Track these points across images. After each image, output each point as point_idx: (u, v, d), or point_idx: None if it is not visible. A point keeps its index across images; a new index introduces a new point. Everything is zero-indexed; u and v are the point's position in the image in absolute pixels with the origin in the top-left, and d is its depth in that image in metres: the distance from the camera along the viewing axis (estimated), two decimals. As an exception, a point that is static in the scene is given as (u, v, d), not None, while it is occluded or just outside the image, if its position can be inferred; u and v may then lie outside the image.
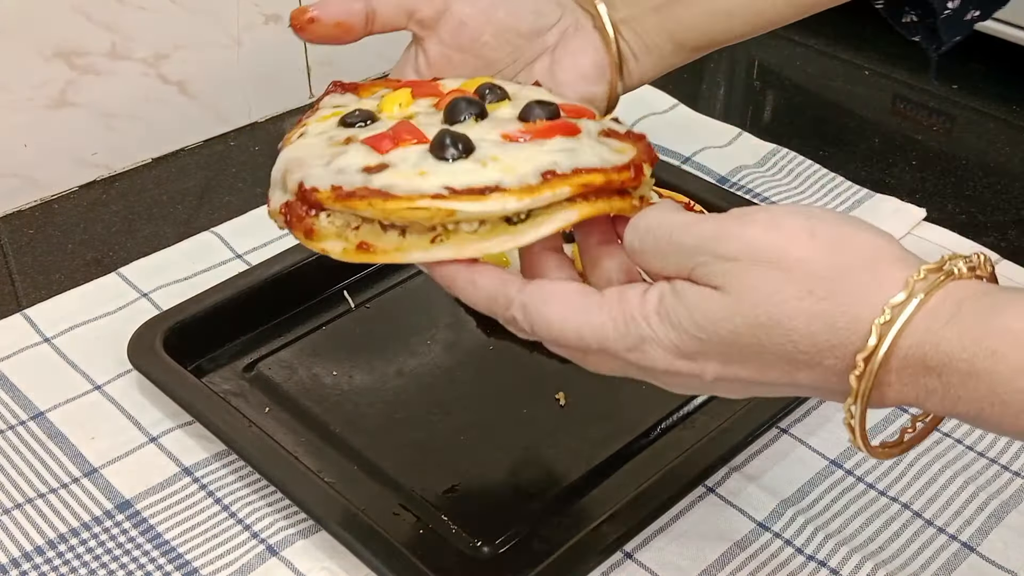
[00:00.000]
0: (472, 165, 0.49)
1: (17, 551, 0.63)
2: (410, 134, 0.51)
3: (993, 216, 0.90)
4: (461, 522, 0.64)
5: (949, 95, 1.08)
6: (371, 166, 0.50)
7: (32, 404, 0.72)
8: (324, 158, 0.51)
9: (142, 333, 0.73)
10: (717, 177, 0.94)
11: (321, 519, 0.62)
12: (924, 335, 0.40)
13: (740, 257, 0.43)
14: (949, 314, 0.40)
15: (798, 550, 0.63)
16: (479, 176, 0.49)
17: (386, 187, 0.48)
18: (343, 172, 0.50)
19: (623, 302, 0.47)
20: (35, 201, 0.92)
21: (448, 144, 0.49)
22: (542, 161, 0.49)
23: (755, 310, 0.43)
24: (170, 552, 0.63)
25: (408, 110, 0.55)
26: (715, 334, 0.44)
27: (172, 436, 0.70)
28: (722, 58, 1.18)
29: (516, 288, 0.48)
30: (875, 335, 0.41)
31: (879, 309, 0.41)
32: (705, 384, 0.47)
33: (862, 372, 0.41)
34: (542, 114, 0.53)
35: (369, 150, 0.51)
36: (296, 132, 0.56)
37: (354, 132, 0.53)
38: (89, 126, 0.92)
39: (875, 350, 0.41)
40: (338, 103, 0.58)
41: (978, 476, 0.68)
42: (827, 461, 0.68)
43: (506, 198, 0.48)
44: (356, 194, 0.48)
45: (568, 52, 0.62)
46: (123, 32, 0.91)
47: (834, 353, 0.42)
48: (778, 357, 0.43)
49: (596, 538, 0.60)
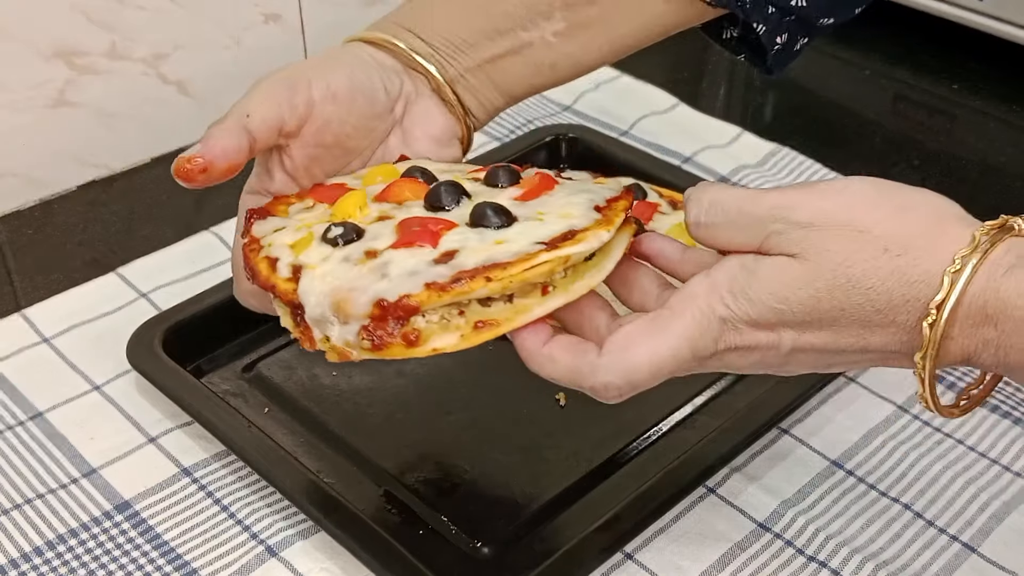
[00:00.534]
0: (529, 223, 0.52)
1: (16, 552, 0.63)
2: (436, 223, 0.53)
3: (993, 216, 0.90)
4: (461, 522, 0.64)
5: (949, 95, 1.08)
6: (439, 258, 0.50)
7: (31, 404, 0.72)
8: (371, 276, 0.51)
9: (141, 333, 0.73)
10: (717, 177, 0.94)
11: (321, 519, 0.61)
12: (986, 283, 0.44)
13: (814, 223, 0.46)
14: (1008, 265, 0.44)
15: (799, 551, 0.63)
16: (551, 227, 0.51)
17: (487, 260, 0.49)
18: (417, 273, 0.50)
19: (692, 299, 0.48)
20: (34, 201, 0.92)
21: (491, 214, 0.52)
22: (580, 201, 0.53)
23: (834, 272, 0.45)
24: (169, 553, 0.63)
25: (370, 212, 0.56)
26: (795, 302, 0.46)
27: (171, 436, 0.70)
28: (722, 58, 1.18)
29: (594, 353, 0.49)
30: (947, 283, 0.44)
31: (950, 260, 0.44)
32: (781, 356, 0.48)
33: (935, 320, 0.44)
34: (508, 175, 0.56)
35: (412, 250, 0.51)
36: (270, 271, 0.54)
37: (365, 246, 0.53)
38: (88, 126, 0.92)
39: (947, 297, 0.44)
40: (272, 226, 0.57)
41: (979, 477, 0.67)
42: (828, 461, 0.68)
43: (598, 232, 0.51)
44: (462, 279, 0.49)
45: (416, 122, 0.63)
46: (123, 32, 0.91)
47: (907, 308, 0.45)
48: (854, 320, 0.46)
49: (596, 538, 0.60)
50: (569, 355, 0.50)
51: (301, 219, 0.57)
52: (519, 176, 0.57)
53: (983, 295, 0.44)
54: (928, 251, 0.45)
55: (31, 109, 0.89)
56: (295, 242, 0.55)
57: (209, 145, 0.56)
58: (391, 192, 0.57)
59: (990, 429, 0.70)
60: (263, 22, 0.99)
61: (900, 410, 0.72)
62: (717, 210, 0.49)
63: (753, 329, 0.48)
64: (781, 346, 0.48)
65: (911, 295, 0.45)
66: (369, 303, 0.50)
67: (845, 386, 0.73)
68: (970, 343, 0.45)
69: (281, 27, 1.00)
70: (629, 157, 0.90)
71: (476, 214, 0.52)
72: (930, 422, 0.71)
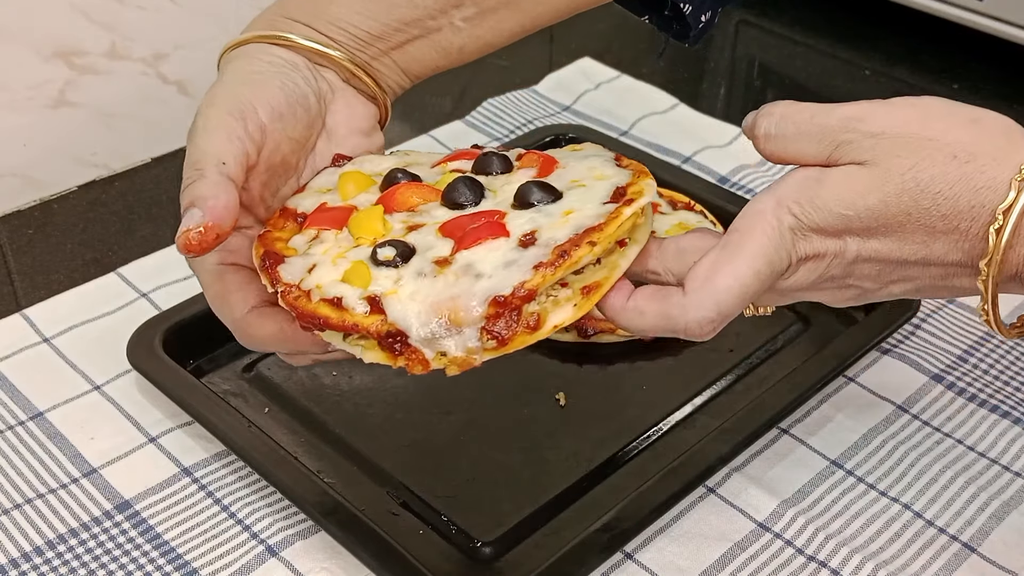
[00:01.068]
0: (577, 190, 0.54)
1: (16, 551, 0.63)
2: (486, 215, 0.54)
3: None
4: (461, 522, 0.64)
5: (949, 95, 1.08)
6: (522, 242, 0.52)
7: (31, 404, 0.72)
8: (465, 281, 0.51)
9: (141, 333, 0.73)
10: (717, 177, 0.94)
11: (321, 519, 0.61)
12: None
13: (886, 131, 0.47)
14: None
15: (799, 551, 0.63)
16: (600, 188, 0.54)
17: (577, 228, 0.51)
18: (514, 263, 0.51)
19: (760, 216, 0.49)
20: (34, 201, 0.92)
21: (540, 191, 0.54)
22: (599, 163, 0.56)
23: (903, 176, 0.46)
24: (169, 552, 0.63)
25: (393, 226, 0.55)
26: (863, 208, 0.47)
27: (171, 436, 0.70)
28: (722, 58, 1.18)
29: (679, 293, 0.49)
30: (1015, 189, 0.44)
31: (1016, 169, 0.45)
32: (845, 264, 0.49)
33: (1001, 225, 0.45)
34: (501, 162, 0.57)
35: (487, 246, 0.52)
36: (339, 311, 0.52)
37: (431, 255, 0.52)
38: (88, 126, 0.92)
39: (1014, 203, 0.44)
40: (297, 269, 0.54)
41: (979, 476, 0.67)
42: (828, 461, 0.68)
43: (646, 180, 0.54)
44: (567, 251, 0.50)
45: (338, 120, 0.61)
46: (122, 32, 0.91)
47: (972, 214, 0.46)
48: (920, 225, 0.46)
49: (596, 538, 0.60)
50: (656, 303, 0.50)
51: (324, 252, 0.55)
52: (509, 160, 0.58)
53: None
54: (996, 160, 0.45)
55: (31, 109, 0.89)
56: (345, 275, 0.53)
57: (210, 207, 0.53)
58: (396, 200, 0.56)
59: (990, 429, 0.70)
60: (263, 22, 0.99)
61: (900, 410, 0.72)
62: (788, 123, 0.50)
63: (821, 236, 0.48)
64: (846, 253, 0.48)
65: (977, 201, 0.45)
66: (484, 303, 0.50)
67: (845, 386, 0.73)
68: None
69: (281, 27, 1.00)
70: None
71: (523, 195, 0.53)
72: (930, 422, 0.71)
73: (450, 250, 0.52)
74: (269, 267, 0.55)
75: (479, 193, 0.55)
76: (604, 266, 0.52)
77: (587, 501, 0.64)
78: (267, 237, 0.57)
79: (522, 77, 1.08)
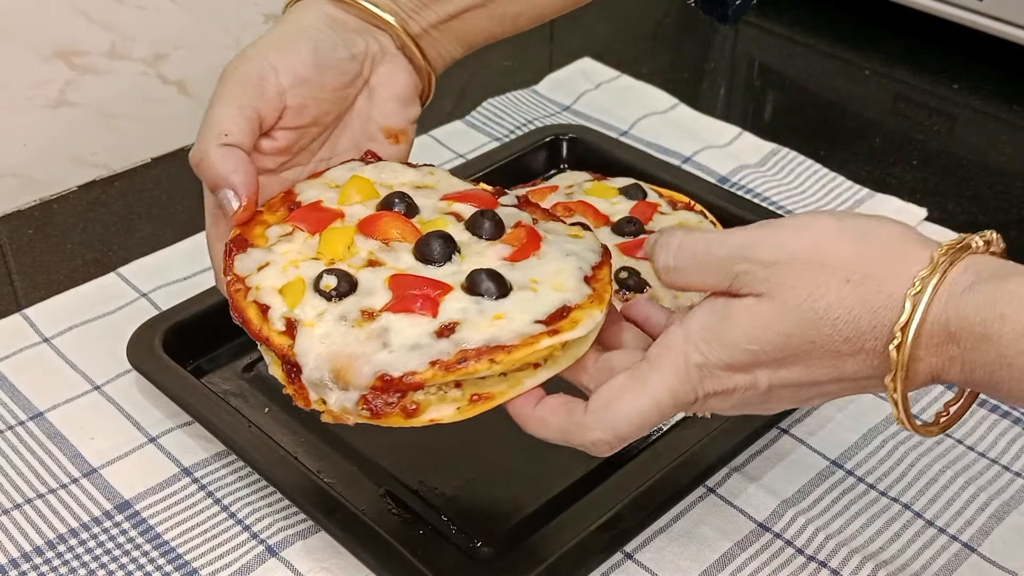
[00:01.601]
0: (524, 293, 0.54)
1: (17, 551, 0.63)
2: (432, 286, 0.54)
3: (994, 216, 0.90)
4: (461, 522, 0.64)
5: (949, 95, 1.08)
6: (440, 330, 0.52)
7: (31, 404, 0.72)
8: (372, 344, 0.52)
9: (141, 333, 0.73)
10: (717, 177, 0.94)
11: (321, 519, 0.61)
12: (947, 302, 0.44)
13: (778, 260, 0.47)
14: (967, 283, 0.44)
15: (799, 551, 0.63)
16: (547, 301, 0.53)
17: (491, 341, 0.51)
18: (420, 347, 0.51)
19: (669, 350, 0.49)
20: (34, 201, 0.92)
21: (484, 280, 0.54)
22: (571, 270, 0.55)
23: (800, 308, 0.46)
24: (169, 552, 0.63)
25: (359, 251, 0.57)
26: (767, 342, 0.47)
27: (171, 436, 0.70)
28: (722, 58, 1.18)
29: (581, 410, 0.50)
30: (909, 306, 0.44)
31: (910, 283, 0.44)
32: (760, 395, 0.49)
33: (900, 342, 0.45)
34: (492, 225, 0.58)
35: (411, 317, 0.53)
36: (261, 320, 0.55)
37: (360, 303, 0.54)
38: (88, 126, 0.92)
39: (910, 319, 0.44)
40: (255, 263, 0.57)
41: (979, 476, 0.67)
42: (828, 461, 0.68)
43: (591, 312, 0.53)
44: (469, 358, 0.51)
45: (382, 81, 0.64)
46: (122, 32, 0.91)
47: (874, 334, 0.45)
48: (826, 351, 0.46)
49: (596, 538, 0.60)
50: (558, 417, 0.51)
51: (283, 252, 0.57)
52: (503, 226, 0.58)
53: (944, 314, 0.44)
54: (889, 276, 0.45)
55: (31, 109, 0.89)
56: (284, 287, 0.55)
57: (240, 184, 0.58)
58: (377, 228, 0.58)
59: (990, 429, 0.70)
60: (263, 22, 0.99)
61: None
62: (685, 254, 0.49)
63: (730, 372, 0.48)
64: (758, 385, 0.49)
65: (877, 321, 0.45)
66: (372, 375, 0.51)
67: (845, 386, 0.73)
68: (937, 362, 0.45)
69: (281, 27, 1.00)
70: (629, 157, 0.90)
71: (472, 282, 0.54)
72: (930, 422, 0.71)
73: (382, 305, 0.54)
74: (228, 254, 0.58)
75: (447, 255, 0.56)
76: (508, 380, 0.52)
77: (587, 501, 0.64)
78: (253, 219, 0.60)
79: (522, 77, 1.08)
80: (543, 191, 0.81)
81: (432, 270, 0.56)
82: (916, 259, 0.45)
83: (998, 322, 0.43)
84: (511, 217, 0.59)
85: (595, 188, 0.80)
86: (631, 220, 0.75)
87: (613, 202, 0.78)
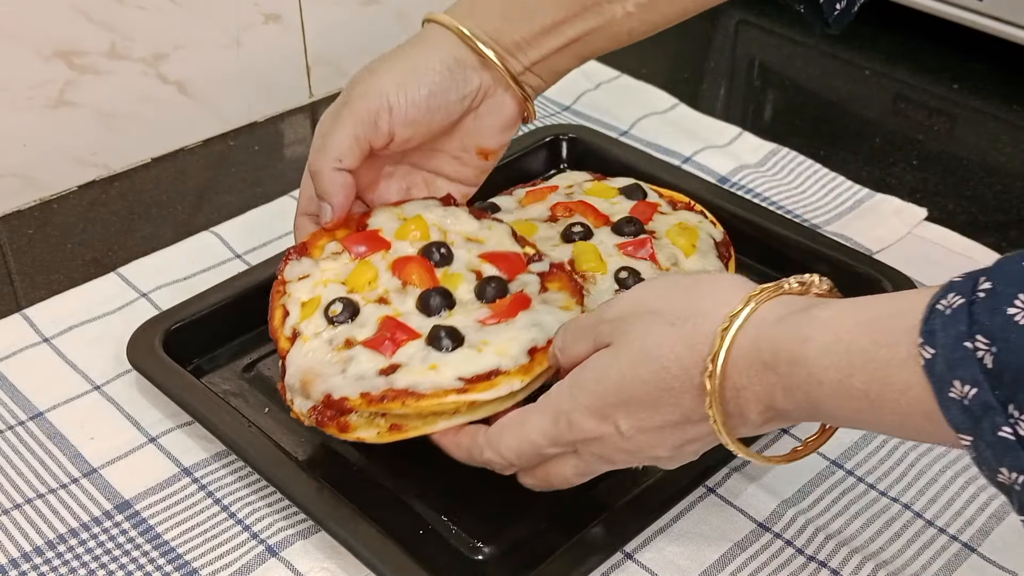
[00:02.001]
0: (470, 352, 0.61)
1: (17, 551, 0.63)
2: (403, 332, 0.63)
3: (994, 216, 0.90)
4: (461, 522, 0.64)
5: (949, 95, 1.08)
6: (385, 368, 0.61)
7: (31, 404, 0.72)
8: (336, 366, 0.62)
9: (141, 333, 0.73)
10: (717, 177, 0.94)
11: (321, 519, 0.61)
12: (757, 332, 0.49)
13: (622, 314, 0.53)
14: (778, 317, 0.49)
15: (798, 551, 0.63)
16: (481, 362, 0.60)
17: (411, 386, 0.60)
18: (364, 379, 0.61)
19: (548, 397, 0.56)
20: (34, 201, 0.92)
21: (443, 337, 0.62)
22: (523, 340, 0.61)
23: (630, 348, 0.52)
24: (169, 552, 0.63)
25: (378, 287, 0.67)
26: (610, 381, 0.53)
27: (171, 436, 0.70)
28: (722, 58, 1.18)
29: (481, 434, 0.58)
30: (719, 339, 0.49)
31: (723, 320, 0.49)
32: (629, 442, 0.54)
33: (711, 371, 0.49)
34: (494, 291, 0.65)
35: (374, 353, 0.62)
36: (282, 322, 0.66)
37: (350, 332, 0.64)
38: (88, 126, 0.92)
39: (718, 350, 0.49)
40: (300, 271, 0.68)
41: (979, 476, 0.67)
42: (828, 461, 0.68)
43: (511, 380, 0.60)
44: (388, 397, 0.59)
45: (490, 110, 0.72)
46: (122, 32, 0.91)
47: (697, 368, 0.50)
48: (661, 388, 0.51)
49: (596, 538, 0.60)
50: (466, 438, 0.59)
51: (324, 269, 0.68)
52: (505, 292, 0.66)
53: (756, 345, 0.49)
54: (706, 317, 0.50)
55: (31, 109, 0.89)
56: (306, 301, 0.67)
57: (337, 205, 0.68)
58: (404, 270, 0.67)
59: (990, 429, 0.70)
60: (263, 22, 0.99)
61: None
62: (568, 334, 0.57)
63: (591, 418, 0.54)
64: (622, 431, 0.53)
65: (696, 356, 0.50)
66: (322, 392, 0.61)
67: (845, 386, 0.73)
68: (761, 390, 0.49)
69: (281, 27, 1.00)
70: (629, 157, 0.90)
71: (432, 336, 0.62)
72: (930, 422, 0.71)
73: (363, 338, 0.63)
74: (285, 259, 0.69)
75: (439, 309, 0.65)
76: (425, 419, 0.60)
77: (587, 501, 0.64)
78: (316, 234, 0.70)
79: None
80: (543, 191, 0.81)
81: (423, 319, 0.64)
82: (732, 300, 0.50)
83: (804, 344, 0.47)
84: (521, 284, 0.66)
85: (595, 188, 0.80)
86: (631, 220, 0.75)
87: (613, 202, 0.78)
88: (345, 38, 1.05)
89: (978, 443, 0.42)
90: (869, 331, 0.45)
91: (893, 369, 0.44)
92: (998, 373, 0.40)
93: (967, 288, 0.42)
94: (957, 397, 0.41)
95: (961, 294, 0.42)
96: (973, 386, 0.41)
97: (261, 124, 1.03)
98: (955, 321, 0.42)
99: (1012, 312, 0.40)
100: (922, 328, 0.43)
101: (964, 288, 0.43)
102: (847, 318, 0.47)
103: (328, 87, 1.06)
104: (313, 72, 1.05)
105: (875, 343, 0.45)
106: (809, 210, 0.90)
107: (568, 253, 0.72)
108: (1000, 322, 0.40)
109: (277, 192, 0.92)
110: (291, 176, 0.95)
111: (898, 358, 0.44)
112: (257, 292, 0.76)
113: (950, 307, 0.42)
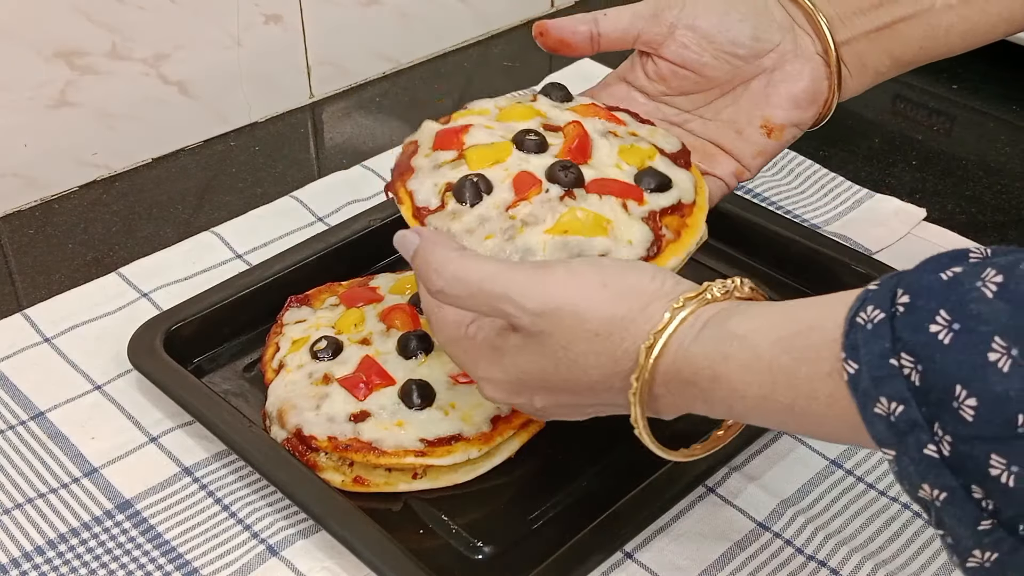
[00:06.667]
0: (436, 413, 0.64)
1: (17, 551, 0.63)
2: (379, 377, 0.66)
3: (993, 216, 0.90)
4: (461, 522, 0.64)
5: (949, 95, 1.08)
6: (356, 414, 0.64)
7: (32, 404, 0.72)
8: (311, 400, 0.66)
9: (142, 333, 0.73)
10: (717, 177, 0.94)
11: (321, 519, 0.62)
12: (676, 353, 0.49)
13: (544, 311, 0.51)
14: (695, 333, 0.49)
15: (798, 550, 0.63)
16: (445, 426, 0.64)
17: (375, 441, 0.63)
18: (334, 421, 0.64)
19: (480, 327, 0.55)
20: (35, 201, 0.92)
21: (414, 392, 0.65)
22: (488, 408, 0.65)
23: (555, 353, 0.52)
24: (170, 552, 0.63)
25: (364, 329, 0.70)
26: (531, 375, 0.54)
27: (172, 436, 0.70)
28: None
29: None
30: (642, 358, 0.49)
31: (646, 337, 0.50)
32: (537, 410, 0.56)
33: (636, 390, 0.50)
34: None
35: (348, 395, 0.65)
36: (272, 356, 0.71)
37: (329, 368, 0.67)
38: (89, 126, 0.92)
39: (641, 371, 0.50)
40: (298, 317, 0.73)
41: (978, 476, 0.67)
42: (827, 461, 0.68)
43: (469, 449, 0.64)
44: (352, 447, 0.63)
45: (784, 77, 0.68)
46: (123, 32, 0.91)
47: (618, 378, 0.51)
48: (583, 386, 0.53)
49: (596, 538, 0.60)
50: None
51: (319, 316, 0.72)
52: None
53: (675, 364, 0.49)
54: (630, 331, 0.50)
55: (31, 109, 0.89)
56: (297, 339, 0.71)
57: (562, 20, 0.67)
58: (389, 315, 0.70)
59: (989, 429, 0.70)
60: (263, 22, 0.99)
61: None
62: (460, 286, 0.53)
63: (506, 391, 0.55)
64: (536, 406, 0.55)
65: (617, 370, 0.51)
66: (294, 426, 0.65)
67: (845, 386, 0.73)
68: (681, 400, 0.50)
69: (281, 27, 1.00)
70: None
71: (404, 390, 0.65)
72: (929, 422, 0.71)
73: (341, 375, 0.66)
74: (287, 304, 0.75)
75: (415, 352, 0.67)
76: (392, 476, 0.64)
77: (587, 501, 0.65)
78: (320, 289, 0.76)
79: (522, 77, 1.08)
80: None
81: (400, 361, 0.67)
82: (654, 315, 0.50)
83: (724, 363, 0.48)
84: None
85: None
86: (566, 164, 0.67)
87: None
88: (345, 38, 1.05)
89: (901, 458, 0.41)
90: (789, 348, 0.45)
91: (817, 384, 0.44)
92: (925, 392, 0.40)
93: (885, 301, 0.42)
94: (883, 413, 0.41)
95: (880, 308, 0.42)
96: (900, 403, 0.40)
97: (261, 124, 1.03)
98: (878, 337, 0.41)
99: (935, 330, 0.40)
100: (843, 343, 0.43)
101: (882, 301, 0.42)
102: (766, 335, 0.47)
103: (328, 87, 1.06)
104: (313, 72, 1.05)
105: (796, 360, 0.45)
106: (808, 210, 0.90)
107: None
108: (924, 340, 0.40)
109: (277, 192, 0.92)
110: (291, 176, 0.96)
111: (821, 373, 0.44)
112: (257, 292, 0.77)
113: (871, 321, 0.42)
